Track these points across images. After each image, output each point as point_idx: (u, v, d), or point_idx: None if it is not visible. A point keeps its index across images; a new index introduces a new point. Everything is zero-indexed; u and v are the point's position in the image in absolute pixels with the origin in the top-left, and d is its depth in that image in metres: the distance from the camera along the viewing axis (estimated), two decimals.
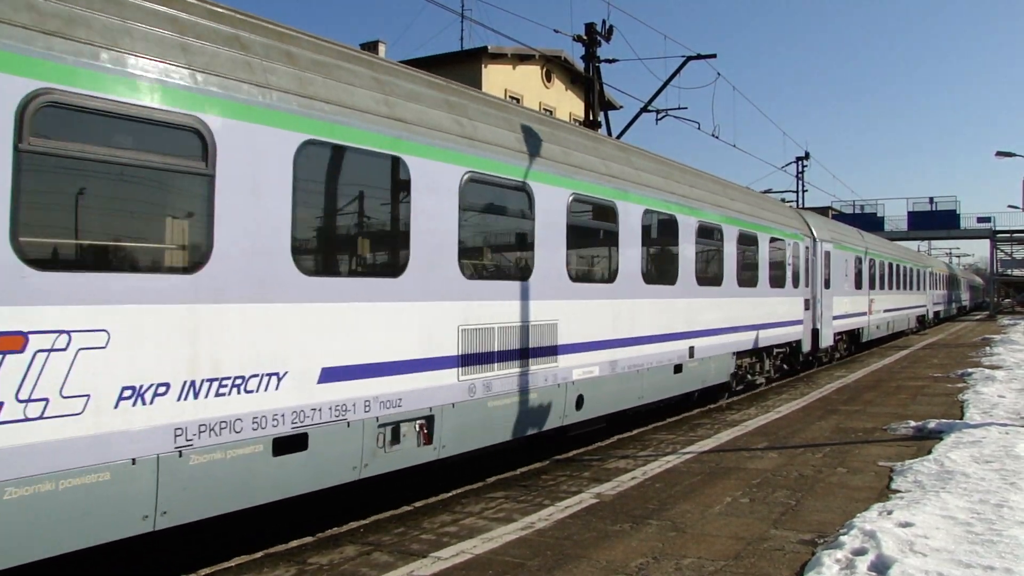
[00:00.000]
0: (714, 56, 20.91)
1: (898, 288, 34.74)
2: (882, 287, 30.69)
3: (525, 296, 9.28)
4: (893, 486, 8.33)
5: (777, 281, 17.79)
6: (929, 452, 9.80)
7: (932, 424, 11.85)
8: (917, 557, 5.82)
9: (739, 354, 15.81)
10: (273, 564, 6.31)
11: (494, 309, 8.75)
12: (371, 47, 33.89)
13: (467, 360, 8.32)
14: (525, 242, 9.50)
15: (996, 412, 13.02)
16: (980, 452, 9.63)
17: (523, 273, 9.43)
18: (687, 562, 6.14)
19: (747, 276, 16.10)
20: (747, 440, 11.33)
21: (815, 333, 20.74)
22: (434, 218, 7.92)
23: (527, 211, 9.42)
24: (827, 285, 21.81)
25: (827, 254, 22.01)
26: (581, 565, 6.11)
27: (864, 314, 27.16)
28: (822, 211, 49.03)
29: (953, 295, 64.48)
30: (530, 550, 6.49)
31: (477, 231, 8.83)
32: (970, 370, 19.70)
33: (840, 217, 56.56)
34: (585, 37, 20.17)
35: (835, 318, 22.80)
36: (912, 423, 12.16)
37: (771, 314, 17.34)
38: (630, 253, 11.58)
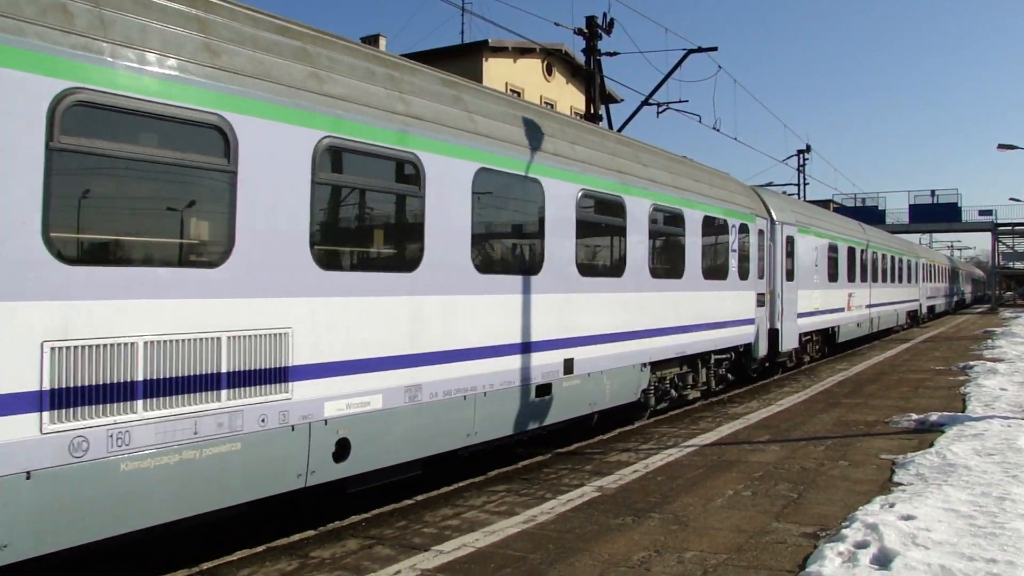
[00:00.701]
0: (715, 49, 20.82)
1: (884, 281, 31.13)
2: (864, 279, 27.22)
3: (209, 291, 5.92)
4: (895, 479, 8.33)
5: (715, 272, 14.43)
6: (931, 445, 9.79)
7: (934, 417, 11.84)
8: (919, 550, 5.82)
9: (656, 364, 12.49)
10: (275, 558, 6.31)
11: (123, 311, 5.38)
12: (372, 41, 33.81)
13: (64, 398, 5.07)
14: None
15: (998, 405, 13.01)
16: (982, 445, 9.63)
17: (207, 254, 6.13)
18: (689, 555, 6.14)
19: (666, 265, 12.81)
20: (749, 433, 11.33)
21: (773, 334, 17.56)
22: None
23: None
24: (790, 277, 18.53)
25: (789, 240, 18.65)
26: (583, 558, 6.10)
27: (841, 310, 23.76)
28: (823, 204, 48.84)
29: (950, 288, 60.39)
30: (532, 543, 6.49)
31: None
32: (972, 363, 19.70)
33: (841, 210, 56.30)
34: (586, 30, 20.11)
35: (801, 316, 19.40)
36: (914, 416, 12.15)
37: (706, 313, 14.01)
38: (447, 227, 8.07)
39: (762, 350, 16.87)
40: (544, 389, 9.62)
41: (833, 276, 22.96)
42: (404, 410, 7.57)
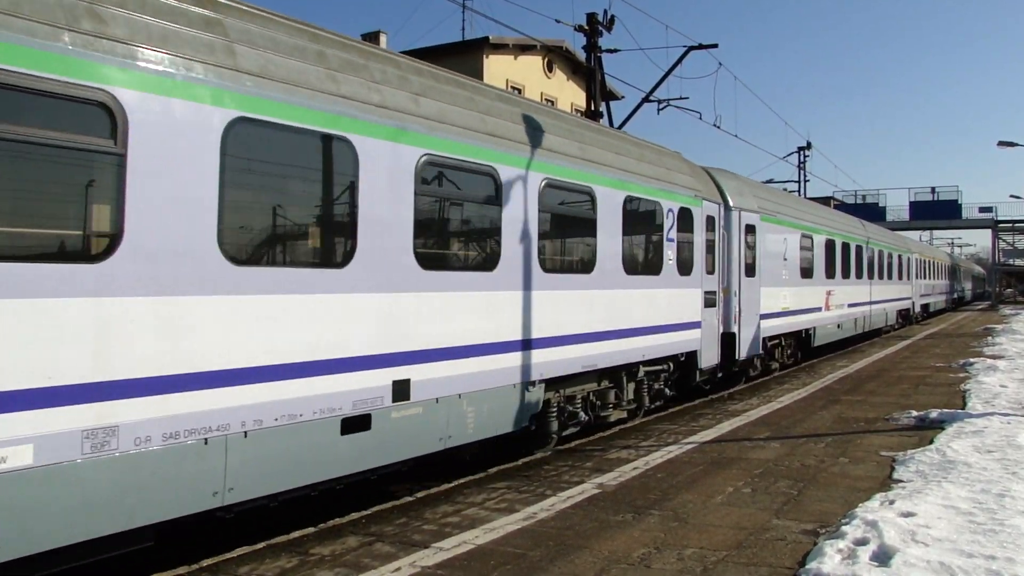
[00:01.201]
0: (716, 46, 20.80)
1: (871, 277, 28.20)
2: (846, 276, 24.30)
3: None
4: (895, 476, 8.33)
5: (643, 266, 11.96)
6: (931, 442, 9.79)
7: (934, 414, 11.84)
8: (919, 547, 5.82)
9: (558, 381, 10.04)
10: (275, 555, 6.32)
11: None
12: (372, 37, 33.78)
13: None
14: None
15: (998, 402, 13.01)
16: (982, 442, 9.63)
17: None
18: (689, 552, 6.14)
19: (568, 256, 10.57)
20: (749, 430, 11.33)
21: (730, 339, 15.10)
22: None
23: None
24: (750, 272, 16.01)
25: (750, 229, 16.07)
26: (583, 555, 6.11)
27: (817, 310, 21.06)
28: (824, 201, 48.74)
29: (947, 285, 56.99)
30: (532, 540, 6.50)
31: None
32: (972, 360, 19.70)
33: (842, 207, 56.30)
34: (586, 27, 20.09)
35: (767, 317, 16.83)
36: (914, 413, 12.16)
37: (629, 315, 11.34)
38: (162, 193, 5.63)
39: (710, 359, 14.20)
40: (357, 423, 7.04)
41: (808, 272, 20.24)
42: (80, 467, 5.09)
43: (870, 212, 56.32)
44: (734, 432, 11.21)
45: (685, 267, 13.19)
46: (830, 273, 22.48)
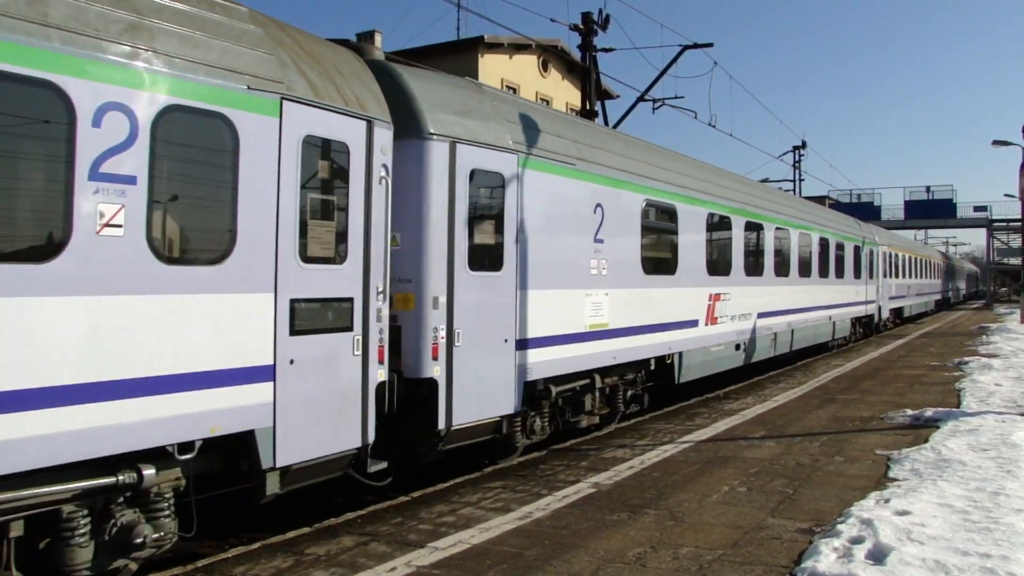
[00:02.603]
0: (711, 45, 20.79)
1: (803, 275, 20.46)
2: (753, 272, 16.82)
3: None
4: (890, 475, 8.34)
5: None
6: (926, 441, 9.81)
7: (929, 413, 11.87)
8: (914, 545, 5.83)
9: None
10: (270, 555, 6.30)
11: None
12: (367, 37, 33.74)
13: None
14: None
15: (993, 400, 13.05)
16: (977, 440, 9.65)
17: None
18: (685, 551, 6.14)
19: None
20: (745, 429, 11.34)
21: (413, 393, 8.05)
22: None
23: None
24: (486, 261, 8.85)
25: (482, 179, 8.80)
26: (579, 555, 6.11)
27: (690, 325, 13.61)
28: (819, 200, 48.56)
29: (932, 284, 49.55)
30: (528, 540, 6.49)
31: None
32: (967, 359, 19.74)
33: (837, 206, 56.26)
34: (582, 26, 20.07)
35: (537, 343, 9.50)
36: (909, 412, 12.18)
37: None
38: None
39: (300, 447, 6.54)
40: None
41: (664, 264, 12.94)
42: None
43: (865, 211, 56.36)
44: (730, 431, 11.22)
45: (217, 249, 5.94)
46: (718, 267, 14.95)
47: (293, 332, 6.42)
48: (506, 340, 9.01)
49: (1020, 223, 41.46)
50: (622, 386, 11.87)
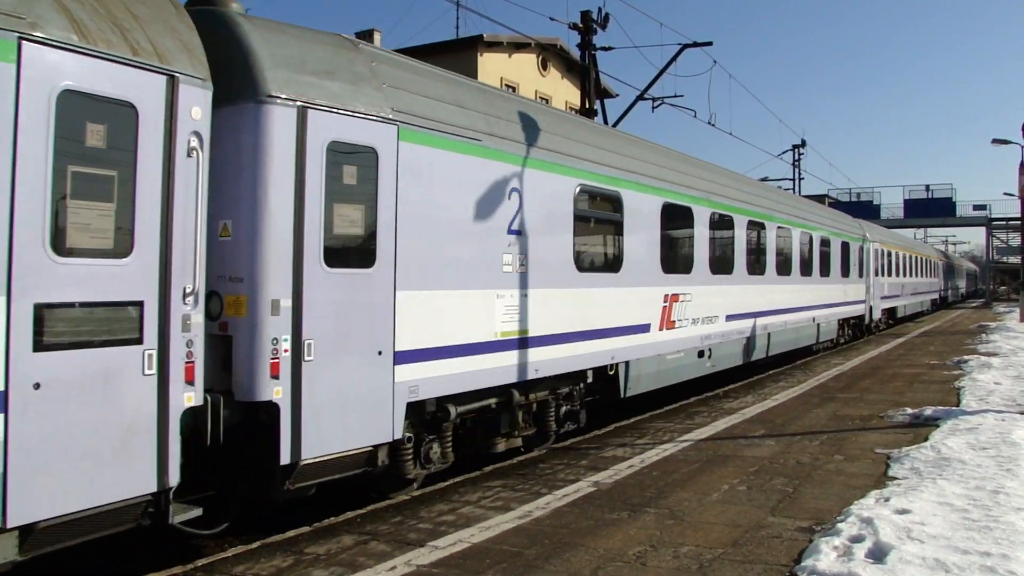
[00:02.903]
0: (710, 44, 20.80)
1: (783, 273, 18.35)
2: (721, 270, 14.81)
3: None
4: (890, 473, 8.34)
5: None
6: (926, 439, 9.81)
7: (928, 411, 11.87)
8: (914, 544, 5.83)
9: None
10: (270, 554, 6.30)
11: None
12: (366, 36, 33.73)
13: None
14: None
15: (992, 399, 13.05)
16: (976, 439, 9.65)
17: None
18: (685, 550, 6.14)
19: None
20: (744, 428, 11.34)
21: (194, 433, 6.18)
22: None
23: None
24: (350, 256, 7.15)
25: (350, 155, 7.12)
26: (579, 554, 6.10)
27: (639, 329, 11.79)
28: (819, 199, 48.50)
29: (929, 283, 46.75)
30: (528, 539, 6.49)
31: None
32: (966, 357, 19.74)
33: (837, 205, 56.21)
34: (581, 25, 20.06)
35: (424, 356, 7.80)
36: (909, 410, 12.18)
37: None
38: None
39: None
40: None
41: (603, 261, 11.24)
42: None
43: (865, 210, 56.39)
44: (729, 430, 11.22)
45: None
46: (677, 264, 13.18)
47: (40, 347, 4.92)
48: (380, 352, 7.22)
49: (1019, 221, 41.23)
50: (554, 402, 10.21)
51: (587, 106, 20.13)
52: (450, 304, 8.15)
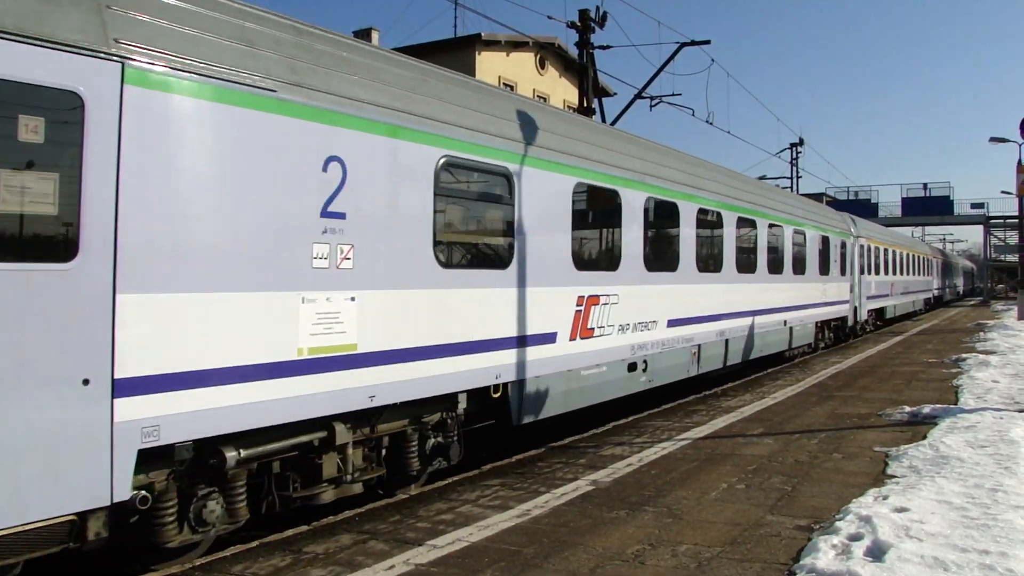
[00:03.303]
0: (708, 42, 20.85)
1: (746, 271, 16.18)
2: (666, 266, 12.77)
3: None
4: (888, 471, 8.34)
5: None
6: (924, 437, 9.82)
7: (927, 409, 11.88)
8: (913, 542, 5.83)
9: None
10: (268, 553, 6.29)
11: None
12: (364, 35, 33.69)
13: None
14: None
15: (990, 397, 13.06)
16: (975, 437, 9.66)
17: None
18: (683, 548, 6.14)
19: None
20: (743, 426, 11.34)
21: None
22: None
23: None
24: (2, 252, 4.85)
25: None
26: (577, 552, 6.10)
27: (543, 339, 9.64)
28: (816, 197, 48.51)
29: (923, 281, 44.85)
30: (526, 537, 6.48)
31: None
32: (964, 355, 19.76)
33: (835, 203, 56.25)
34: (579, 24, 20.07)
35: (174, 387, 5.63)
36: (907, 408, 12.18)
37: None
38: None
39: None
40: None
41: (479, 253, 9.08)
42: None
43: (862, 208, 56.43)
44: (728, 428, 11.22)
45: None
46: (597, 260, 11.15)
47: None
48: (87, 381, 5.14)
49: (1017, 220, 41.26)
50: (417, 434, 8.19)
51: (586, 104, 20.13)
52: (216, 311, 5.91)
